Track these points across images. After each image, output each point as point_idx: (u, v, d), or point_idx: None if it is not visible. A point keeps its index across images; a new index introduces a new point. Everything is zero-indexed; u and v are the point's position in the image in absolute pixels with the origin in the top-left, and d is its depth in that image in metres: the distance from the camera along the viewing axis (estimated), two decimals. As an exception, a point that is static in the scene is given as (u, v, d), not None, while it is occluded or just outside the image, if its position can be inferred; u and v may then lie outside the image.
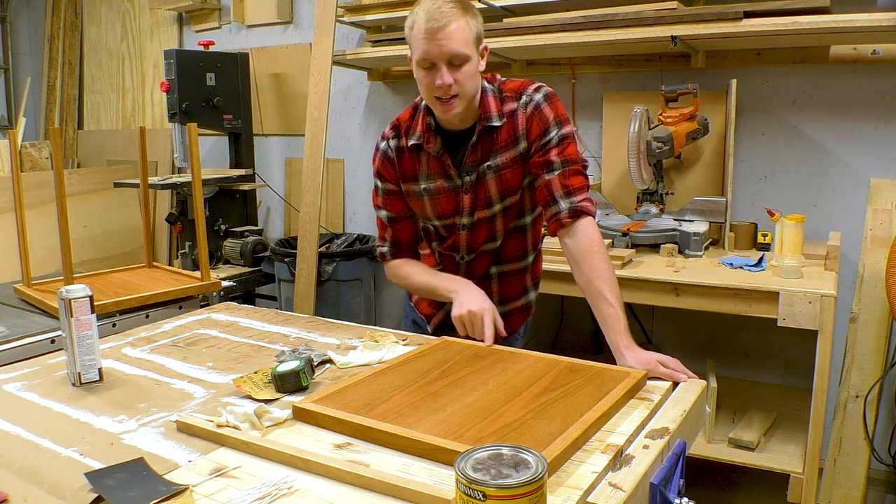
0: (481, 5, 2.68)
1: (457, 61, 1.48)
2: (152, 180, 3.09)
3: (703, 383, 1.29)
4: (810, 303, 1.94)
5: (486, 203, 1.64)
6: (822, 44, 2.45)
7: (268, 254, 3.32)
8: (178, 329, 1.71)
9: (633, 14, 2.43)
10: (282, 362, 1.31)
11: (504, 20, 2.77)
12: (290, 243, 3.34)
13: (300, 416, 1.15)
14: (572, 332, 3.02)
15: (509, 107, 1.60)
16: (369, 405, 1.15)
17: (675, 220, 2.47)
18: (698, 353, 2.75)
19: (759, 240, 2.45)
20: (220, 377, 1.37)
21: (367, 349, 1.48)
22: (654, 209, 2.56)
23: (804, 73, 2.55)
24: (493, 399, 1.16)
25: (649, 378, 1.28)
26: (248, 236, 3.39)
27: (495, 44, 2.61)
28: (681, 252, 2.35)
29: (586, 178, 1.60)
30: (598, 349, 2.88)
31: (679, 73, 2.69)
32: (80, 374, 1.34)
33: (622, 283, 2.15)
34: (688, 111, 2.49)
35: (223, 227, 3.43)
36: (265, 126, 3.86)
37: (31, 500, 0.93)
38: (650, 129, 2.47)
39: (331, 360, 1.43)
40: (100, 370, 1.36)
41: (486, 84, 1.62)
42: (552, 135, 1.57)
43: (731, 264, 2.22)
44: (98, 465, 1.01)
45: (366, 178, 3.63)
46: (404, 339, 1.56)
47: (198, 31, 4.03)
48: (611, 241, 2.35)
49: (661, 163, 2.55)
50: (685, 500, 1.04)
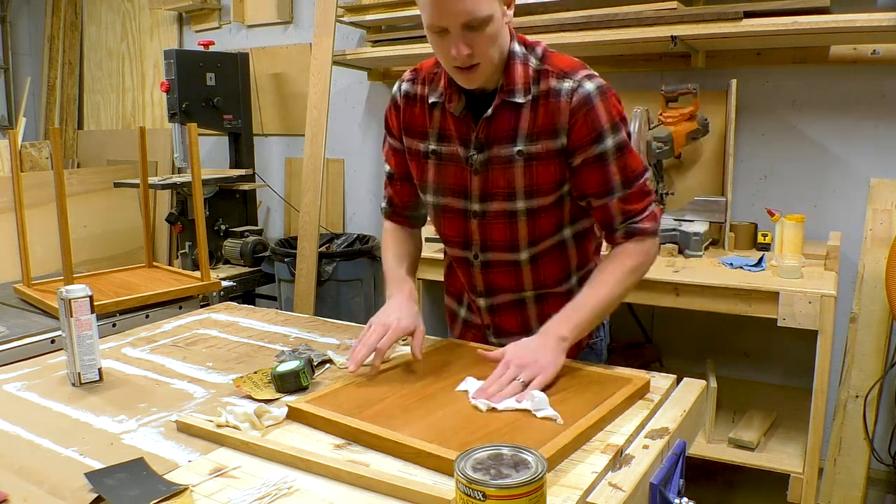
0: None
1: (475, 24, 1.20)
2: (152, 180, 3.09)
3: (703, 383, 1.28)
4: (810, 303, 1.93)
5: (506, 195, 1.36)
6: (822, 44, 2.45)
7: (268, 254, 3.32)
8: (178, 329, 1.71)
9: (633, 14, 2.43)
10: (282, 362, 1.31)
11: (504, 20, 2.76)
12: (290, 243, 3.34)
13: (294, 416, 1.15)
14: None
15: (547, 84, 1.30)
16: (361, 407, 1.15)
17: (675, 220, 2.47)
18: (698, 353, 2.76)
19: (759, 240, 2.45)
20: (220, 377, 1.37)
21: (367, 349, 1.47)
22: (654, 209, 2.55)
23: (804, 73, 2.55)
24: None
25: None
26: (248, 236, 3.39)
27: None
28: (681, 252, 2.35)
29: (650, 193, 1.36)
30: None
31: (679, 73, 2.69)
32: (80, 374, 1.34)
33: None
34: (688, 111, 2.49)
35: (223, 227, 3.43)
36: (265, 126, 3.86)
37: (31, 500, 0.93)
38: (650, 129, 2.47)
39: (331, 360, 1.43)
40: (100, 370, 1.36)
41: (516, 47, 1.31)
42: (607, 145, 1.29)
43: (731, 264, 2.22)
44: (98, 465, 1.01)
45: (366, 178, 3.63)
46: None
47: (198, 31, 4.03)
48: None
49: (661, 163, 2.55)
50: (685, 500, 1.04)
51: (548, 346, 1.23)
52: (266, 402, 1.21)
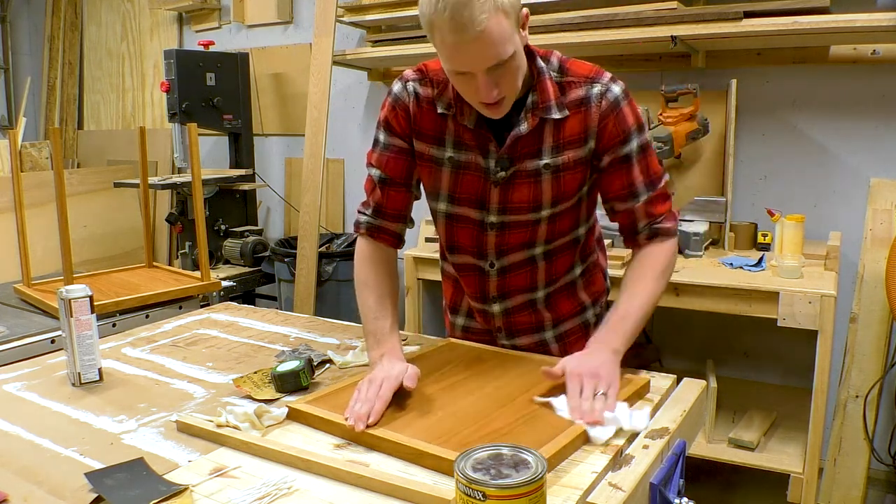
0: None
1: (500, 64, 1.15)
2: (152, 180, 3.09)
3: (703, 383, 1.29)
4: (810, 303, 1.94)
5: (531, 208, 1.33)
6: (822, 44, 2.45)
7: (268, 254, 3.32)
8: (178, 329, 1.71)
9: (633, 14, 2.43)
10: (282, 362, 1.31)
11: (504, 20, 2.76)
12: (290, 243, 3.34)
13: (294, 416, 1.15)
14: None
15: (576, 94, 1.27)
16: None
17: (675, 220, 2.47)
18: (698, 353, 2.75)
19: (759, 240, 2.45)
20: (220, 377, 1.37)
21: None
22: (654, 209, 2.56)
23: (804, 73, 2.55)
24: (486, 404, 1.15)
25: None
26: (248, 236, 3.39)
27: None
28: (681, 252, 2.35)
29: (670, 196, 1.37)
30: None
31: (679, 73, 2.69)
32: (79, 374, 1.34)
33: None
34: (688, 111, 2.49)
35: (223, 227, 3.43)
36: (265, 126, 3.86)
37: (31, 500, 0.93)
38: (650, 128, 2.47)
39: (331, 360, 1.43)
40: (100, 370, 1.36)
41: (541, 63, 1.28)
42: (633, 145, 1.29)
43: (731, 264, 2.22)
44: (98, 465, 1.01)
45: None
46: (404, 340, 1.56)
47: (198, 31, 4.03)
48: (611, 241, 2.34)
49: (662, 163, 2.55)
50: (685, 500, 1.04)
51: (606, 359, 1.20)
52: (266, 402, 1.21)
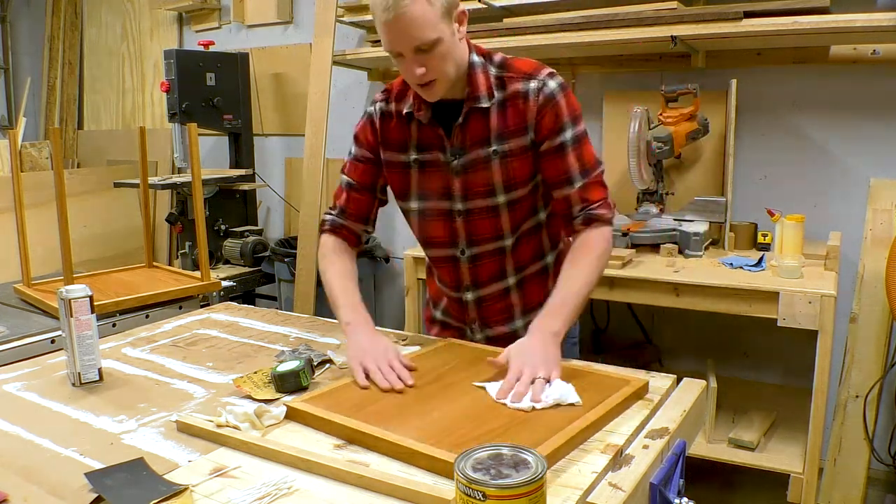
0: (481, 6, 2.68)
1: (425, 47, 1.30)
2: (152, 180, 3.09)
3: (703, 383, 1.29)
4: (810, 303, 1.94)
5: (487, 192, 1.47)
6: (822, 44, 2.45)
7: (268, 254, 3.32)
8: (178, 329, 1.71)
9: (633, 14, 2.43)
10: (282, 362, 1.31)
11: (504, 20, 2.77)
12: (290, 243, 3.34)
13: (291, 415, 1.15)
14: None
15: (514, 88, 1.42)
16: (358, 406, 1.15)
17: (675, 220, 2.47)
18: (698, 353, 2.75)
19: (759, 240, 2.45)
20: (220, 377, 1.37)
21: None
22: (654, 209, 2.56)
23: (804, 73, 2.55)
24: (483, 404, 1.15)
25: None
26: (248, 236, 3.39)
27: (496, 44, 2.60)
28: (681, 252, 2.35)
29: (606, 188, 1.47)
30: (598, 349, 2.88)
31: (679, 73, 2.68)
32: (79, 374, 1.34)
33: (623, 282, 2.19)
34: (688, 111, 2.49)
35: (223, 227, 3.43)
36: (265, 126, 3.86)
37: (31, 500, 0.93)
38: (650, 128, 2.47)
39: (331, 360, 1.43)
40: (100, 370, 1.36)
41: (475, 58, 1.44)
42: (567, 135, 1.42)
43: (731, 264, 2.22)
44: (98, 465, 1.01)
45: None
46: (404, 340, 1.56)
47: (198, 31, 4.03)
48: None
49: (661, 163, 2.55)
50: (685, 500, 1.04)
51: (546, 343, 1.29)
52: (266, 402, 1.21)
